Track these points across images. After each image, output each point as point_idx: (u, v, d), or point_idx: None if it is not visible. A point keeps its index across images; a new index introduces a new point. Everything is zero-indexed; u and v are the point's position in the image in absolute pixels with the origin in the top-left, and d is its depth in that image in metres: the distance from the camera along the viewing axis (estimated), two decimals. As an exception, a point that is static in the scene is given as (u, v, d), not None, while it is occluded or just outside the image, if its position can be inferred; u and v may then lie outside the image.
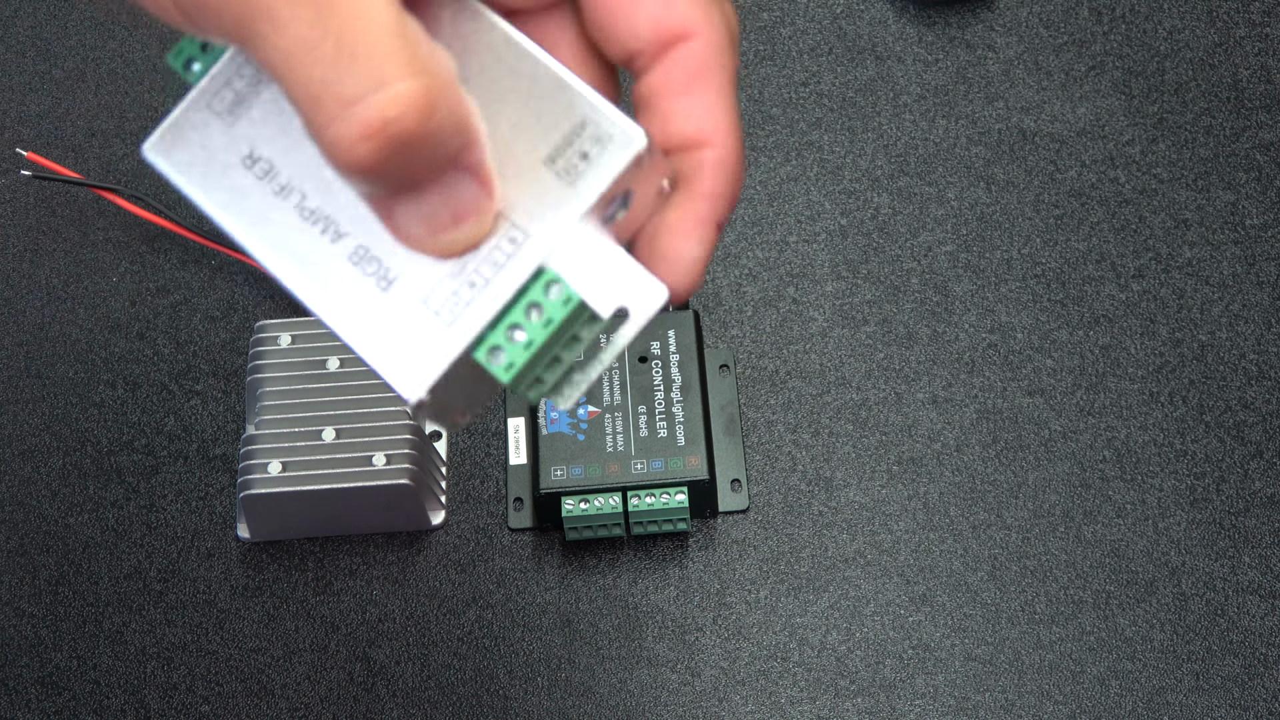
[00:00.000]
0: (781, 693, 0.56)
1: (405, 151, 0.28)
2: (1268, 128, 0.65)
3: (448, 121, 0.28)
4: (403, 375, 0.31)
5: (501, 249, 0.31)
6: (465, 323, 0.31)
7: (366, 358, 0.31)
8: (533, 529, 0.59)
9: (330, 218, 0.32)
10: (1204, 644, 0.56)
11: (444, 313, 0.31)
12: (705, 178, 0.32)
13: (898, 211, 0.65)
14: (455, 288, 0.31)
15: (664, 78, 0.31)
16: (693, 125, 0.32)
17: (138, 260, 0.65)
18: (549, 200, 0.31)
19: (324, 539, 0.59)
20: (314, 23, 0.26)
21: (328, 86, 0.27)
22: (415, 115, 0.27)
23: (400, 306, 0.31)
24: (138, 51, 0.70)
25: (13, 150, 0.67)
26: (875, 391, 0.61)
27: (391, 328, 0.31)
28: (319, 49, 0.26)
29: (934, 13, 0.68)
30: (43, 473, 0.61)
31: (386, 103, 0.27)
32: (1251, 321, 0.62)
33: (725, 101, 0.32)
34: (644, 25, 0.31)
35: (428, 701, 0.57)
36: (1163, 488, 0.59)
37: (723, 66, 0.31)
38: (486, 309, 0.31)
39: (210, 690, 0.57)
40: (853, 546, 0.58)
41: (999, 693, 0.56)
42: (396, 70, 0.27)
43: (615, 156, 0.31)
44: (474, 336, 0.31)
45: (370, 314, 0.31)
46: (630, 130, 0.30)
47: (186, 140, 0.33)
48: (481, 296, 0.31)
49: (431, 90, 0.27)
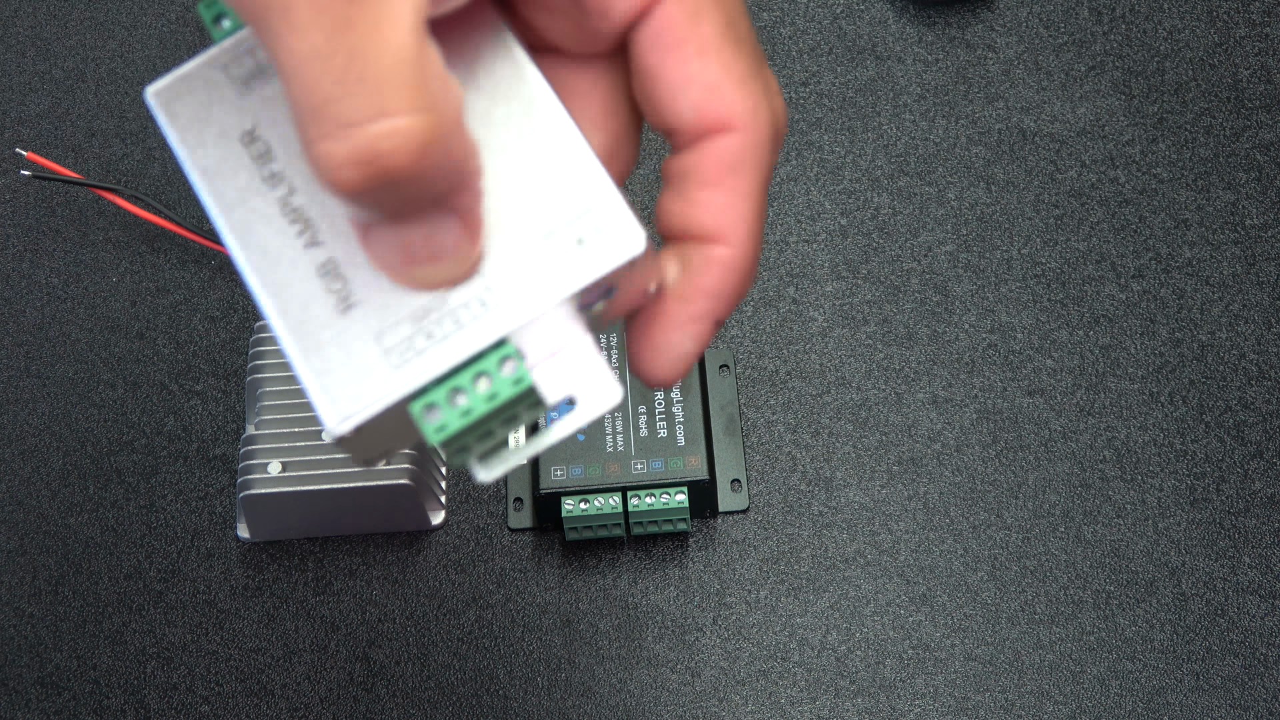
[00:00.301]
0: (781, 693, 0.56)
1: (393, 185, 0.27)
2: (1268, 128, 0.65)
3: (442, 163, 0.27)
4: (333, 405, 0.29)
5: (470, 308, 0.29)
6: (412, 371, 0.29)
7: (301, 375, 0.30)
8: (533, 529, 0.59)
9: (311, 221, 0.30)
10: (1204, 644, 0.56)
11: (394, 354, 0.29)
12: (712, 275, 0.31)
13: (898, 211, 0.65)
14: (412, 333, 0.29)
15: (696, 163, 0.31)
16: (712, 220, 0.31)
17: (138, 260, 0.65)
18: (532, 274, 0.29)
19: (324, 539, 0.59)
20: (331, 34, 0.26)
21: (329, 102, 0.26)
22: (409, 153, 0.26)
23: (352, 333, 0.30)
24: (138, 51, 0.70)
25: (13, 150, 0.67)
26: (875, 391, 0.61)
27: (337, 352, 0.30)
28: (329, 62, 0.26)
29: (934, 13, 0.68)
30: (43, 473, 0.61)
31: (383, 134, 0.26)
32: (1251, 321, 0.62)
33: (751, 204, 0.31)
34: (687, 108, 0.30)
35: (428, 701, 0.57)
36: (1163, 488, 0.59)
37: (758, 165, 0.31)
38: (437, 364, 0.29)
39: (210, 690, 0.57)
40: (853, 546, 0.58)
41: (999, 693, 0.56)
42: (401, 102, 0.26)
43: (611, 253, 0.29)
44: (416, 388, 0.29)
45: (320, 331, 0.30)
46: (633, 232, 0.29)
47: (193, 95, 0.31)
48: (436, 350, 0.29)
49: (431, 129, 0.26)
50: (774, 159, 0.31)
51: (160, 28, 0.70)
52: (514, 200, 0.30)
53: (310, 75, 0.26)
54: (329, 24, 0.26)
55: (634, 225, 0.29)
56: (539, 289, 0.29)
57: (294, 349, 0.30)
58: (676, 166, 0.31)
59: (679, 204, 0.31)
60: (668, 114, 0.31)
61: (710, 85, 0.30)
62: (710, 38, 0.30)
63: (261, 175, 0.31)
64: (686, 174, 0.31)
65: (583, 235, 0.29)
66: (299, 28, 0.26)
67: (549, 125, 0.30)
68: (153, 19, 0.70)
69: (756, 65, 0.31)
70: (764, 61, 0.31)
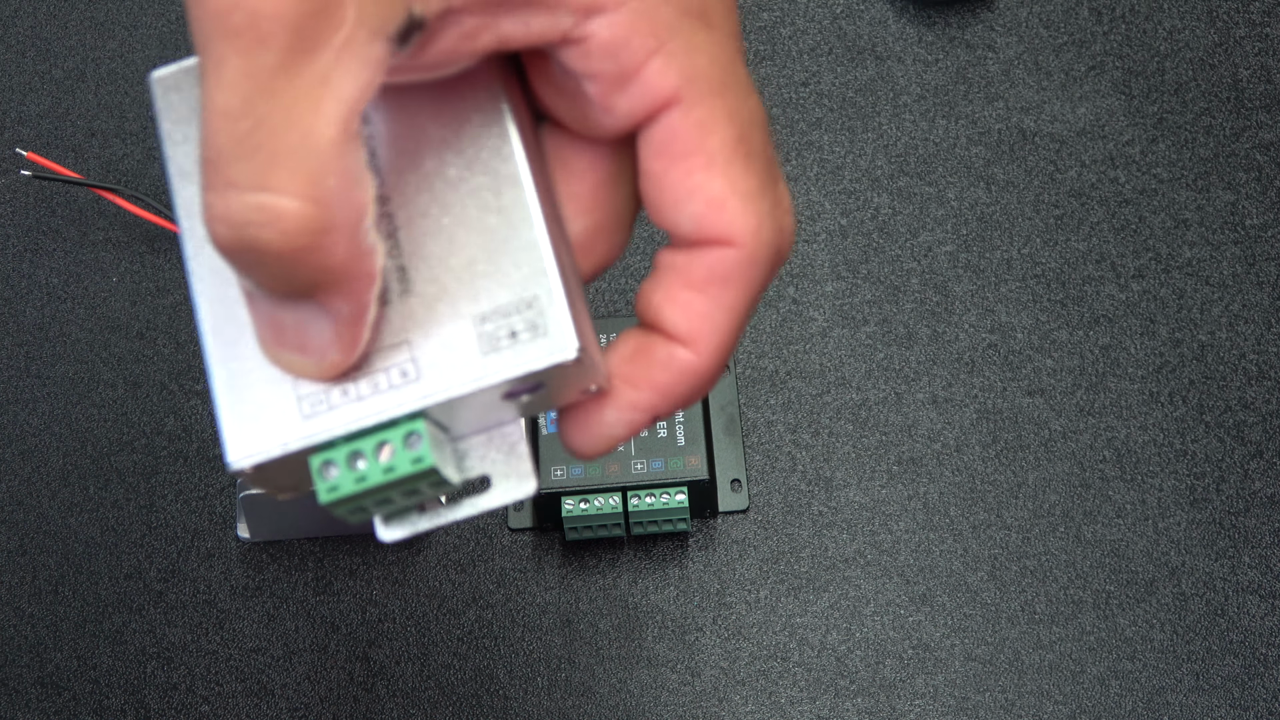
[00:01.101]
0: (781, 693, 0.56)
1: (258, 261, 0.26)
2: (1268, 128, 0.65)
3: (317, 260, 0.26)
4: (237, 439, 0.29)
5: (390, 376, 0.29)
6: (319, 425, 0.29)
7: (216, 401, 0.29)
8: (533, 529, 0.59)
9: None
10: (1204, 644, 0.56)
11: (305, 403, 0.29)
12: (669, 374, 0.30)
13: (898, 211, 0.65)
14: (329, 387, 0.29)
15: (687, 264, 0.30)
16: (687, 324, 0.30)
17: (138, 260, 0.65)
18: (458, 357, 0.29)
19: (324, 539, 0.59)
20: (248, 98, 0.25)
21: (222, 157, 0.26)
22: (277, 233, 0.26)
23: (271, 374, 0.29)
24: (138, 51, 0.70)
25: (13, 150, 0.67)
26: (875, 391, 0.61)
27: (253, 388, 0.29)
28: (236, 122, 0.25)
29: (934, 13, 0.68)
30: (43, 473, 0.61)
31: (256, 206, 0.26)
32: (1251, 321, 0.62)
33: (731, 318, 0.30)
34: (687, 219, 0.29)
35: (428, 701, 0.57)
36: (1163, 488, 0.59)
37: (750, 281, 0.30)
38: (344, 424, 0.29)
39: (210, 690, 0.57)
40: (853, 546, 0.58)
41: (999, 693, 0.56)
42: (287, 184, 0.26)
43: (538, 355, 0.29)
44: (320, 442, 0.29)
45: (245, 362, 0.29)
46: (566, 340, 0.29)
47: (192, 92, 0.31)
48: (347, 409, 0.29)
49: (309, 220, 0.26)
50: (770, 277, 0.30)
51: (160, 28, 0.70)
52: (460, 275, 0.29)
53: (215, 127, 0.26)
54: (250, 89, 0.25)
55: (569, 333, 0.29)
56: (462, 373, 0.29)
57: (217, 374, 0.29)
58: (668, 260, 0.30)
59: (659, 295, 0.30)
60: (668, 220, 0.30)
61: (713, 200, 0.29)
62: (718, 151, 0.29)
63: None
64: (675, 270, 0.30)
65: (516, 329, 0.29)
66: (224, 83, 0.25)
67: (515, 210, 0.29)
68: (153, 19, 0.70)
69: (767, 181, 0.30)
70: (777, 176, 0.30)
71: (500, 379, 0.29)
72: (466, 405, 0.29)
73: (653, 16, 0.28)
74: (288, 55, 0.25)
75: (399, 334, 0.29)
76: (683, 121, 0.29)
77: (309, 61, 0.25)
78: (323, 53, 0.25)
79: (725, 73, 0.29)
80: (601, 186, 0.31)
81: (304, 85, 0.25)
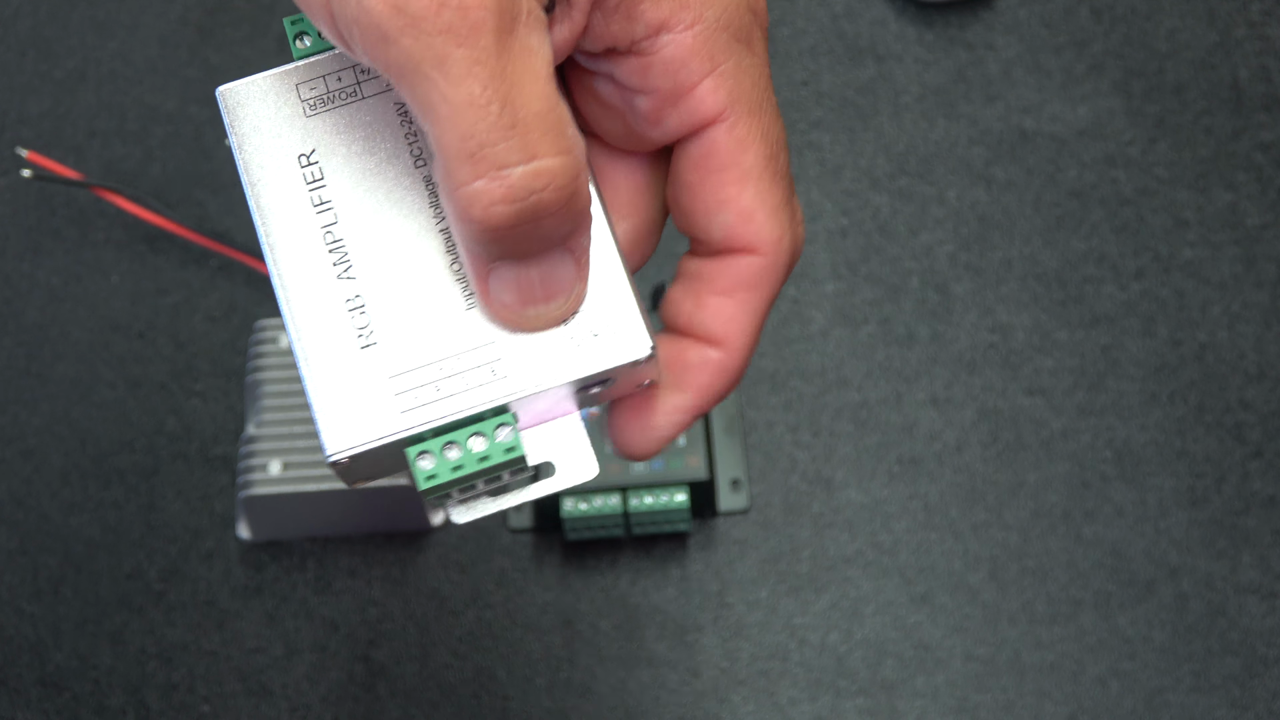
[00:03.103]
0: (781, 693, 0.56)
1: (536, 223, 0.29)
2: (1268, 128, 0.65)
3: (577, 204, 0.29)
4: (336, 432, 0.31)
5: (479, 374, 0.31)
6: (415, 418, 0.31)
7: (311, 397, 0.31)
8: (533, 529, 0.59)
9: (349, 255, 0.32)
10: (1203, 644, 0.56)
11: (403, 398, 0.31)
12: (705, 375, 0.33)
13: (898, 211, 0.65)
14: (423, 383, 0.31)
15: (714, 273, 0.33)
16: (719, 327, 0.33)
17: (138, 260, 0.65)
18: (543, 355, 0.31)
19: (324, 539, 0.59)
20: (487, 83, 0.28)
21: (484, 146, 0.28)
22: (555, 192, 0.29)
23: (367, 371, 0.31)
24: (138, 51, 0.70)
25: (13, 150, 0.67)
26: (875, 391, 0.61)
27: (349, 384, 0.31)
28: (486, 109, 0.28)
29: (934, 13, 0.68)
30: (43, 473, 0.61)
31: (534, 173, 0.28)
32: (1251, 321, 0.62)
33: (756, 319, 0.33)
34: (718, 228, 0.32)
35: (428, 701, 0.57)
36: (1163, 488, 0.59)
37: (770, 285, 0.33)
38: (439, 417, 0.31)
39: (210, 690, 0.57)
40: (853, 546, 0.59)
41: (999, 693, 0.56)
42: (548, 147, 0.28)
43: (618, 353, 0.32)
44: (415, 434, 0.31)
45: (336, 361, 0.32)
46: (641, 340, 0.32)
47: (261, 105, 0.33)
48: (441, 404, 0.31)
49: (572, 170, 0.29)
50: (784, 279, 0.33)
51: (160, 28, 0.70)
52: None
53: (466, 122, 0.28)
54: (485, 75, 0.28)
55: (644, 333, 0.32)
56: (546, 370, 0.31)
57: (309, 371, 0.32)
58: (694, 268, 0.33)
59: (689, 303, 0.33)
60: (698, 228, 0.33)
61: (744, 212, 0.32)
62: (752, 168, 0.32)
63: (310, 198, 0.32)
64: (702, 278, 0.33)
65: (598, 330, 0.32)
66: (456, 78, 0.28)
67: (598, 231, 0.32)
68: (153, 19, 0.70)
69: (788, 195, 0.33)
70: (794, 191, 0.33)
71: (583, 374, 0.31)
72: (543, 399, 0.32)
73: (711, 40, 0.31)
74: (499, 36, 0.28)
75: (487, 335, 0.32)
76: (725, 138, 0.32)
77: (514, 37, 0.28)
78: (519, 26, 0.28)
79: (762, 95, 0.32)
80: (637, 194, 0.34)
81: (519, 58, 0.28)
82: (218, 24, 0.70)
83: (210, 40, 0.70)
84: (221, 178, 0.66)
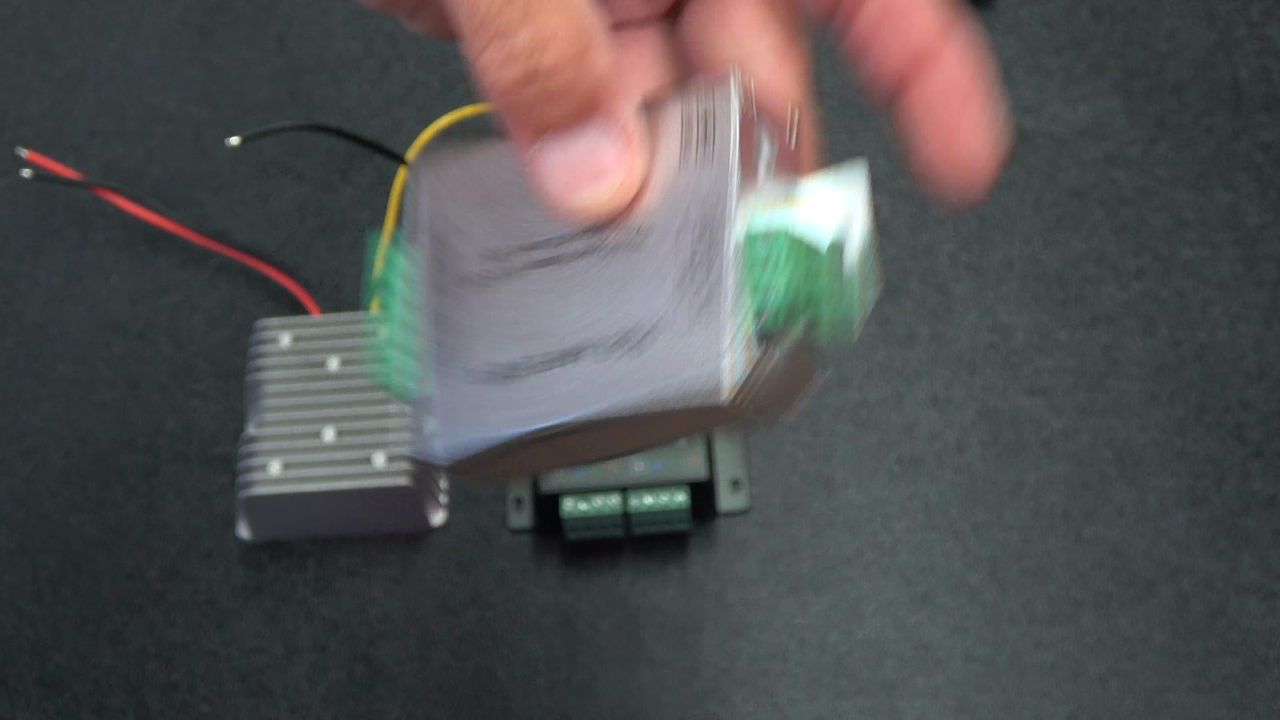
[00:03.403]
0: (781, 693, 0.56)
1: (545, 87, 0.30)
2: (1268, 128, 0.65)
3: (587, 64, 0.30)
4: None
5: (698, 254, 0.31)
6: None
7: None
8: (533, 529, 0.59)
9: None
10: (1204, 644, 0.56)
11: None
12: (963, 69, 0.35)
13: (898, 211, 0.65)
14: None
15: None
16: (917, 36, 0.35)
17: (138, 260, 0.65)
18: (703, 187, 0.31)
19: (324, 539, 0.59)
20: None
21: (489, 17, 0.30)
22: (558, 54, 0.30)
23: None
24: (138, 51, 0.70)
25: (13, 150, 0.67)
26: (875, 391, 0.61)
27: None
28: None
29: (934, 13, 0.68)
30: (43, 473, 0.61)
31: (535, 32, 0.30)
32: (1251, 321, 0.62)
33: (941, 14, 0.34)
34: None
35: (428, 701, 0.57)
36: (1163, 488, 0.59)
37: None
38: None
39: (210, 690, 0.57)
40: (853, 546, 0.58)
41: (999, 693, 0.56)
42: (551, 10, 0.30)
43: (726, 105, 0.32)
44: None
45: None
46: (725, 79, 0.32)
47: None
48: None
49: (572, 28, 0.30)
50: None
51: (160, 28, 0.70)
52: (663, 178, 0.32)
53: None
54: None
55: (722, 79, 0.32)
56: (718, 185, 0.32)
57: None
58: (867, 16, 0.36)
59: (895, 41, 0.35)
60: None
61: None
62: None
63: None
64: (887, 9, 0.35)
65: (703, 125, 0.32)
66: None
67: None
68: (153, 19, 0.70)
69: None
70: None
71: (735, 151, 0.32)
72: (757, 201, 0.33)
73: None
74: None
75: None
76: None
77: None
78: None
79: None
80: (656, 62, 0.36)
81: None
82: (218, 24, 0.70)
83: (210, 40, 0.70)
84: (221, 178, 0.66)
